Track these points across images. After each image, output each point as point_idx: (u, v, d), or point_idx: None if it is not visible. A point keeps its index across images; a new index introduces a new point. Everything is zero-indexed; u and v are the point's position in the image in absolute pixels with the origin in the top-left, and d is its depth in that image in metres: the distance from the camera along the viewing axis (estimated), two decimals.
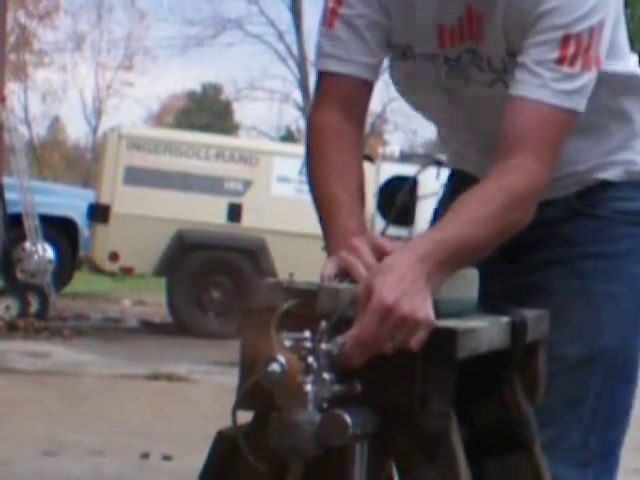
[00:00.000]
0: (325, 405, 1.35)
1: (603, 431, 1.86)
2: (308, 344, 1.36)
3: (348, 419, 1.33)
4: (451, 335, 1.39)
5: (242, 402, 1.43)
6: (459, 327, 1.40)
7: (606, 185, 1.90)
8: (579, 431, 1.84)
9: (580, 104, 1.65)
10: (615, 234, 1.89)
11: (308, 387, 1.34)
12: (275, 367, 1.33)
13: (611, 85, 1.79)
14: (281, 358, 1.33)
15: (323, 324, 1.37)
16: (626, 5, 1.82)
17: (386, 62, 1.86)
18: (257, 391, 1.39)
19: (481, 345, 1.47)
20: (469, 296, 1.60)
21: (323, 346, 1.36)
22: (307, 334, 1.36)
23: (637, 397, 1.95)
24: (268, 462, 1.42)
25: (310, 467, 1.40)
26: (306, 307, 1.42)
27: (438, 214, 2.00)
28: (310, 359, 1.35)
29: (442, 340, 1.39)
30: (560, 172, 1.81)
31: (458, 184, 1.99)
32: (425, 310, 1.40)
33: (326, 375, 1.35)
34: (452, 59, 1.78)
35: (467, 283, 1.59)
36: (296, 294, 1.44)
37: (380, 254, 1.48)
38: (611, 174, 1.90)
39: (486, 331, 1.49)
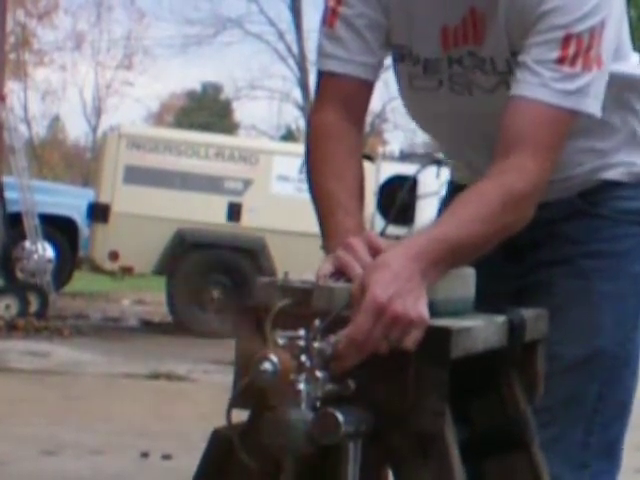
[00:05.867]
0: (318, 404, 1.36)
1: (604, 431, 1.86)
2: (302, 342, 1.36)
3: (341, 418, 1.33)
4: (445, 334, 1.39)
5: (237, 401, 1.44)
6: (453, 326, 1.40)
7: (608, 185, 1.90)
8: (579, 431, 1.84)
9: (581, 104, 1.64)
10: (617, 233, 1.89)
11: (301, 386, 1.35)
12: (267, 366, 1.33)
13: (612, 86, 1.79)
14: (273, 357, 1.33)
15: (317, 322, 1.37)
16: (628, 5, 1.82)
17: (389, 60, 1.86)
18: (252, 390, 1.39)
19: (476, 344, 1.47)
20: (465, 295, 1.59)
21: (316, 345, 1.36)
22: (301, 332, 1.36)
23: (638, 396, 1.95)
24: (263, 461, 1.43)
25: (305, 466, 1.40)
26: (301, 306, 1.42)
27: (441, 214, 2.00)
28: (303, 358, 1.35)
29: (436, 339, 1.39)
30: (562, 174, 1.81)
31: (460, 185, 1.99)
32: (418, 309, 1.40)
33: (319, 374, 1.35)
34: (455, 60, 1.78)
35: (463, 282, 1.59)
36: (291, 293, 1.44)
37: (376, 253, 1.48)
38: (612, 175, 1.90)
39: (481, 330, 1.49)
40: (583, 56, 1.63)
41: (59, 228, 12.62)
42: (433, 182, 10.28)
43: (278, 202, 10.36)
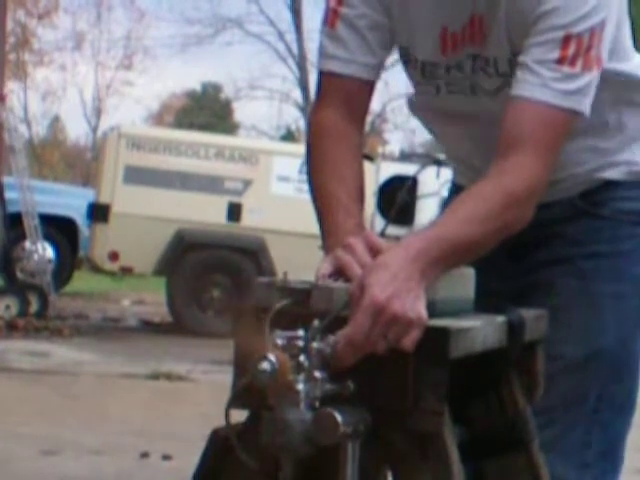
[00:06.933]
0: (317, 404, 1.36)
1: (605, 431, 1.86)
2: (300, 343, 1.36)
3: (339, 418, 1.34)
4: (444, 334, 1.39)
5: (236, 401, 1.44)
6: (452, 326, 1.40)
7: (609, 185, 1.90)
8: (580, 431, 1.84)
9: (581, 104, 1.64)
10: (618, 234, 1.89)
11: (300, 386, 1.35)
12: (265, 366, 1.33)
13: (614, 85, 1.79)
14: (271, 357, 1.33)
15: (316, 323, 1.37)
16: (629, 5, 1.82)
17: (389, 60, 1.86)
18: (251, 390, 1.39)
19: (475, 345, 1.47)
20: (465, 295, 1.59)
21: (315, 345, 1.36)
22: (300, 333, 1.36)
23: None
24: (262, 461, 1.43)
25: (303, 466, 1.40)
26: (300, 306, 1.42)
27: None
28: (302, 358, 1.35)
29: (435, 339, 1.39)
30: (562, 173, 1.81)
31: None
32: (417, 309, 1.40)
33: (318, 374, 1.35)
34: (453, 66, 1.78)
35: (463, 282, 1.59)
36: (290, 293, 1.44)
37: (376, 253, 1.47)
38: (613, 173, 1.90)
39: (480, 330, 1.49)
40: (583, 56, 1.63)
41: (59, 228, 12.62)
42: (433, 182, 10.28)
43: (278, 202, 10.36)
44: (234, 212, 10.48)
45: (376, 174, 10.88)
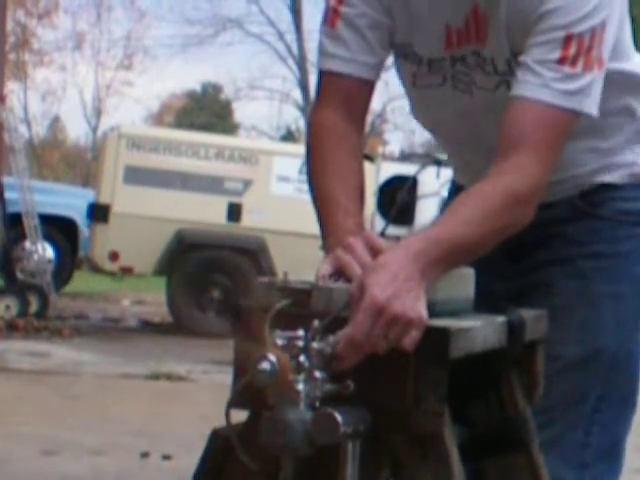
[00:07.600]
0: (317, 404, 1.36)
1: (604, 431, 1.86)
2: (300, 343, 1.36)
3: (339, 418, 1.33)
4: (444, 335, 1.39)
5: (236, 401, 1.44)
6: (452, 326, 1.40)
7: (609, 186, 1.90)
8: (580, 431, 1.84)
9: (582, 104, 1.64)
10: (617, 234, 1.89)
11: (300, 386, 1.35)
12: (265, 366, 1.33)
13: (615, 85, 1.79)
14: (271, 357, 1.33)
15: (316, 323, 1.37)
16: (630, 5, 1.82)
17: (389, 60, 1.86)
18: (252, 390, 1.39)
19: (475, 345, 1.47)
20: (465, 296, 1.59)
21: (315, 345, 1.36)
22: (300, 333, 1.36)
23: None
24: (262, 461, 1.43)
25: (304, 466, 1.40)
26: (300, 306, 1.42)
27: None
28: (302, 358, 1.35)
29: (435, 340, 1.38)
30: (563, 174, 1.81)
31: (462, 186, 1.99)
32: (417, 309, 1.39)
33: (318, 374, 1.35)
34: (458, 59, 1.78)
35: (463, 282, 1.59)
36: (290, 293, 1.44)
37: (376, 253, 1.47)
38: (614, 177, 1.90)
39: (480, 331, 1.49)
40: (584, 56, 1.63)
41: (59, 228, 12.63)
42: (433, 182, 10.28)
43: (278, 202, 10.37)
44: (234, 212, 10.48)
45: (376, 174, 10.89)
